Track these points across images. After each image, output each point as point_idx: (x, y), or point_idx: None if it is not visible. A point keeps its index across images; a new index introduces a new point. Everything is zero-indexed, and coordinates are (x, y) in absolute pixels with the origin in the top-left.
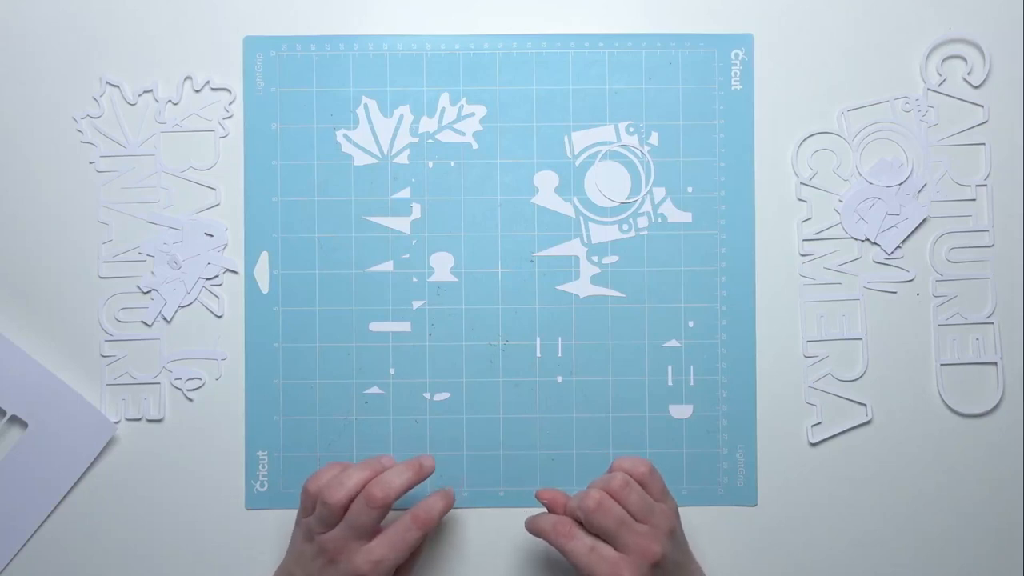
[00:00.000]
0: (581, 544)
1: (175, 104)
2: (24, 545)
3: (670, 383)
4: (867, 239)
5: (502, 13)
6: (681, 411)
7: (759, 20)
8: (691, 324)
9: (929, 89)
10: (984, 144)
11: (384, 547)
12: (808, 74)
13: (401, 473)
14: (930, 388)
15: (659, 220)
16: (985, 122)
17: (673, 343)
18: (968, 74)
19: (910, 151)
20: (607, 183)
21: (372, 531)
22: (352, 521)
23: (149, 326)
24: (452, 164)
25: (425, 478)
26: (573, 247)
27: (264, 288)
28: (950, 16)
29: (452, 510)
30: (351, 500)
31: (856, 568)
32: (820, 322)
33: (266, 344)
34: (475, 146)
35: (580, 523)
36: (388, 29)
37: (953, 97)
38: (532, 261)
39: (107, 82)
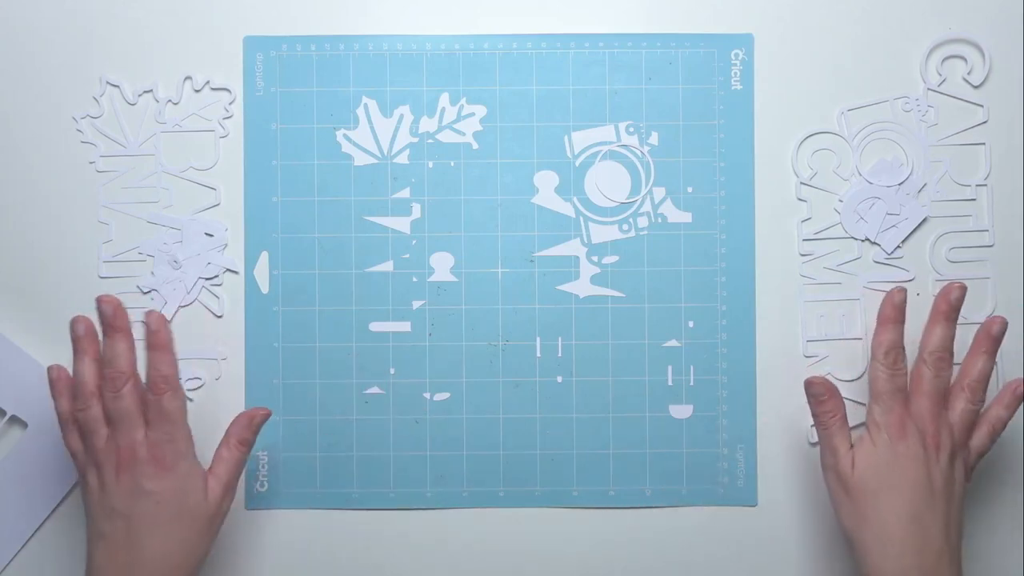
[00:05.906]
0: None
1: (175, 104)
2: (24, 545)
3: (670, 383)
4: (867, 239)
5: (502, 13)
6: (681, 411)
7: (759, 20)
8: (691, 324)
9: (929, 89)
10: (984, 144)
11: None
12: (808, 74)
13: (121, 341)
14: None
15: (659, 220)
16: (985, 122)
17: (673, 343)
18: (968, 74)
19: (910, 151)
20: (607, 183)
21: (138, 411)
22: (117, 416)
23: None
24: (452, 164)
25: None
26: (573, 247)
27: (264, 288)
28: (950, 16)
29: (452, 510)
30: (98, 386)
31: (856, 568)
32: (820, 322)
33: (266, 344)
34: (475, 146)
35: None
36: (388, 29)
37: (953, 97)
38: (532, 261)
39: (107, 82)
